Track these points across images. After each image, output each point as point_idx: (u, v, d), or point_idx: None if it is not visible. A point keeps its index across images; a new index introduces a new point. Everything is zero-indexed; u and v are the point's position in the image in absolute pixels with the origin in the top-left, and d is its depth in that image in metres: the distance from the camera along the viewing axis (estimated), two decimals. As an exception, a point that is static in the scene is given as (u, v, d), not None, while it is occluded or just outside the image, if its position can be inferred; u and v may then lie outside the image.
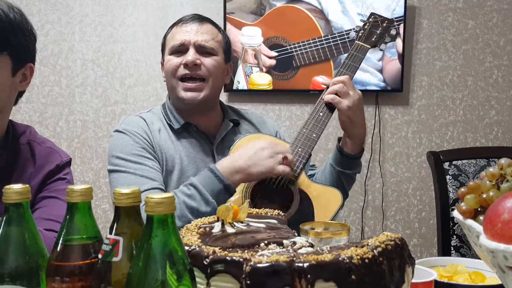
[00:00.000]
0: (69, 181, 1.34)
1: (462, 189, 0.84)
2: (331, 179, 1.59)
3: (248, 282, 0.68)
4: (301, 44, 2.85)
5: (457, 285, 0.99)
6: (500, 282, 0.79)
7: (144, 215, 0.65)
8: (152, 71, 2.99)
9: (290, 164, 1.41)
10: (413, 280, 0.79)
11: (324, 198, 1.47)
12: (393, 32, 1.63)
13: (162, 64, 1.63)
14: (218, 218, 0.91)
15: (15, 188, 0.73)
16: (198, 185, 1.36)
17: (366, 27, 1.62)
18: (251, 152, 1.40)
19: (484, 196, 0.79)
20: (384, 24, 1.62)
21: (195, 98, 1.51)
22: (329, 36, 2.83)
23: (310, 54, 2.85)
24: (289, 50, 2.86)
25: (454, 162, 1.89)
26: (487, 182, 0.81)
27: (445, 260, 1.11)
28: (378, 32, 1.61)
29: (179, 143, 1.54)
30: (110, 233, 0.68)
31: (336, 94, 1.49)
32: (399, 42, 2.80)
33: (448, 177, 1.87)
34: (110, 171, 1.49)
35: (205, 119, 1.59)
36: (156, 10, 2.96)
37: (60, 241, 0.71)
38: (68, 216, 0.72)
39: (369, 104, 2.89)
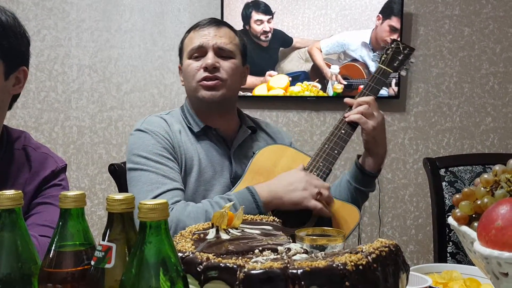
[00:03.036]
0: (64, 187, 1.33)
1: (457, 196, 0.84)
2: (346, 195, 1.61)
3: (242, 289, 0.68)
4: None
5: (452, 292, 0.99)
6: (495, 289, 0.78)
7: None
8: (149, 76, 2.99)
9: (325, 199, 1.43)
10: (408, 287, 0.78)
11: (342, 214, 1.49)
12: (412, 60, 1.68)
13: (180, 68, 1.64)
14: (212, 224, 0.91)
15: (8, 194, 0.72)
16: (236, 204, 1.37)
17: (389, 52, 1.66)
18: (288, 180, 1.43)
19: (479, 202, 0.79)
20: (406, 51, 1.66)
21: (214, 96, 1.53)
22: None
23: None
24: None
25: (450, 169, 1.90)
26: (482, 188, 0.81)
27: (440, 267, 1.11)
28: (400, 58, 1.65)
29: (199, 145, 1.56)
30: (103, 239, 0.68)
31: (361, 114, 1.51)
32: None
33: (444, 183, 1.87)
34: (131, 169, 1.50)
35: (223, 123, 1.60)
36: (153, 16, 2.96)
37: (53, 248, 0.70)
38: (61, 223, 0.71)
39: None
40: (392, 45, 1.67)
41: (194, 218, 1.32)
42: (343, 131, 1.54)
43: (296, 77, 2.89)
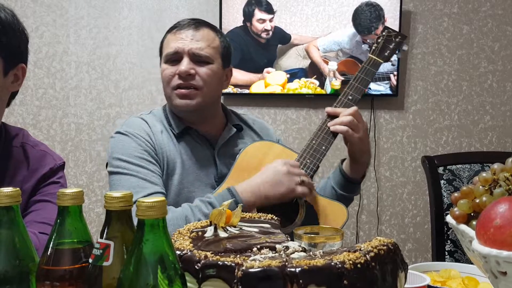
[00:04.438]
0: (62, 185, 1.33)
1: (456, 194, 0.84)
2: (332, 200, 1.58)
3: (240, 287, 0.67)
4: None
5: (450, 290, 0.99)
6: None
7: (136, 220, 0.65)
8: (147, 74, 2.98)
9: (308, 185, 1.41)
10: (406, 285, 0.78)
11: (330, 213, 1.47)
12: (405, 47, 1.61)
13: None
14: (211, 222, 0.91)
15: (6, 191, 0.72)
16: (216, 206, 1.34)
17: (379, 41, 1.60)
18: (269, 176, 1.39)
19: (477, 201, 0.79)
20: (397, 39, 1.60)
21: (189, 105, 1.49)
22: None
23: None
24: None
25: (448, 167, 1.89)
26: (480, 187, 0.81)
27: (439, 265, 1.11)
28: (391, 46, 1.59)
29: (181, 146, 1.52)
30: (101, 237, 0.68)
31: (347, 126, 1.48)
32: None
33: (442, 182, 1.87)
34: (111, 173, 1.48)
35: (206, 125, 1.56)
36: (152, 13, 2.95)
37: (51, 245, 0.70)
38: (59, 220, 0.71)
39: (364, 109, 2.90)
40: (383, 33, 1.60)
41: (173, 225, 1.29)
42: (326, 133, 1.51)
43: (294, 74, 2.88)
